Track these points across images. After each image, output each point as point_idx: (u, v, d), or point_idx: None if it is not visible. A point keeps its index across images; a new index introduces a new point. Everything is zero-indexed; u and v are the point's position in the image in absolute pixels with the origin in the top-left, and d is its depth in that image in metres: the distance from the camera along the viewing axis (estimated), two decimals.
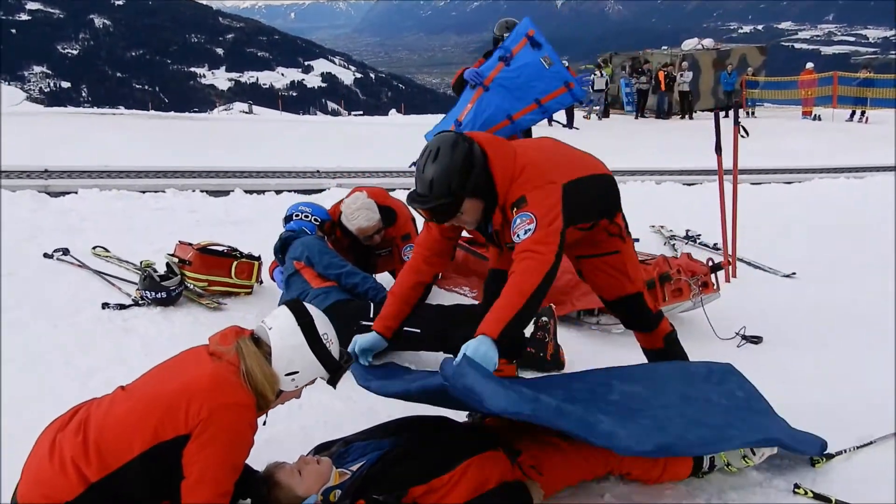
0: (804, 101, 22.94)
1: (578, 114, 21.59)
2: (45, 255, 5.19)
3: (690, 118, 23.02)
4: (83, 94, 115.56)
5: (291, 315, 2.28)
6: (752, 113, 24.35)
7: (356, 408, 3.25)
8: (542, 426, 2.30)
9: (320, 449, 2.64)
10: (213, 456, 2.07)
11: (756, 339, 4.48)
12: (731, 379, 2.98)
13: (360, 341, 2.90)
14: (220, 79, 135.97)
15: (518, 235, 2.52)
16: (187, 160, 9.90)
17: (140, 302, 4.36)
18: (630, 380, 2.73)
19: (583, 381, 2.72)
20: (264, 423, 2.31)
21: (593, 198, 2.87)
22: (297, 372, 2.25)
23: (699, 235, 7.07)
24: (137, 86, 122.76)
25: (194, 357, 2.22)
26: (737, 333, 4.46)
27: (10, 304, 4.29)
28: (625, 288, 3.06)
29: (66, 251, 5.22)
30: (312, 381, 2.38)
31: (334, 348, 2.35)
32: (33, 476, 2.09)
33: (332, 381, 2.43)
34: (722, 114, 22.19)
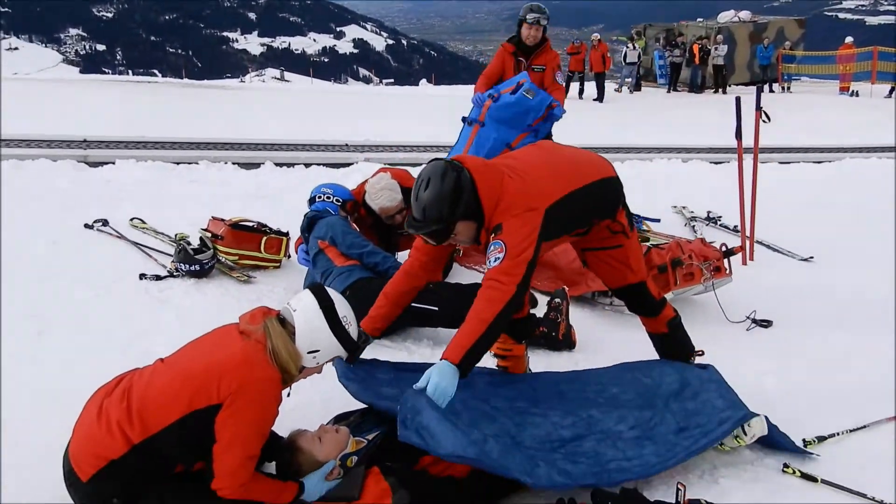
0: (842, 76, 22.48)
1: (609, 87, 21.42)
2: (86, 226, 5.46)
3: (724, 92, 22.66)
4: (118, 58, 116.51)
5: (314, 299, 2.47)
6: (788, 88, 23.93)
7: None
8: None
9: (339, 419, 2.86)
10: (242, 423, 2.29)
11: (766, 323, 4.60)
12: (709, 388, 3.12)
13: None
14: (253, 44, 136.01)
15: (489, 262, 2.67)
16: (220, 131, 10.13)
17: (175, 274, 4.60)
18: (586, 404, 2.98)
19: (540, 404, 2.94)
20: (288, 395, 2.52)
21: (587, 207, 2.99)
22: (318, 351, 2.45)
23: (720, 217, 7.13)
24: (171, 49, 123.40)
25: (226, 334, 2.43)
26: (747, 317, 4.58)
27: (56, 271, 4.57)
28: (627, 278, 3.20)
29: (105, 222, 5.49)
30: (333, 359, 2.58)
31: (353, 329, 2.54)
32: (83, 435, 2.33)
33: (351, 359, 2.63)
34: (760, 87, 21.65)
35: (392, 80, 69.93)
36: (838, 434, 3.20)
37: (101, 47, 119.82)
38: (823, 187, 9.40)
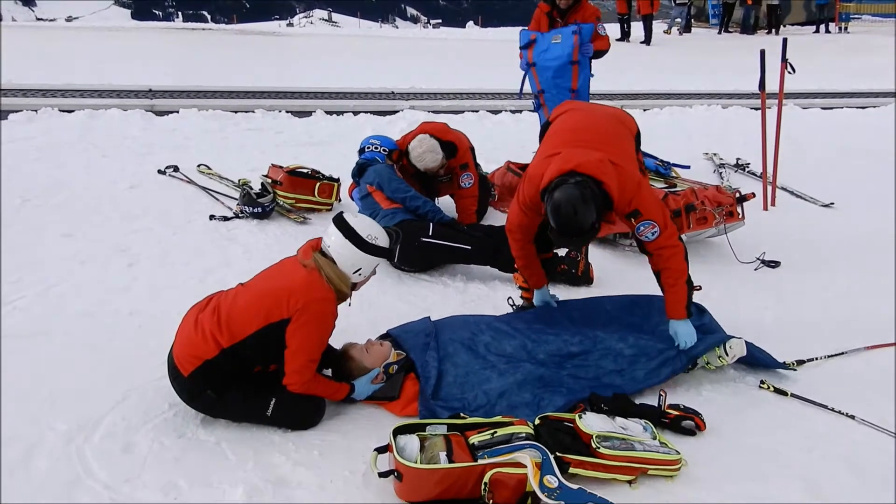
0: None
1: (658, 29, 21.14)
2: (159, 171, 6.09)
3: (777, 33, 22.15)
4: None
5: (338, 231, 2.95)
6: (846, 28, 23.26)
7: (414, 309, 4.01)
8: None
9: (384, 336, 3.43)
10: (307, 333, 2.86)
11: (774, 264, 4.98)
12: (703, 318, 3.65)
13: (538, 296, 3.80)
14: None
15: (647, 236, 3.25)
16: (273, 80, 10.66)
17: (240, 215, 5.20)
18: (592, 325, 3.55)
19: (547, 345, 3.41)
20: (349, 305, 3.07)
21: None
22: (360, 269, 2.98)
23: (748, 164, 7.40)
24: None
25: (290, 264, 2.99)
26: (756, 258, 4.97)
27: (138, 212, 5.20)
28: None
29: (175, 168, 6.11)
30: (376, 267, 3.07)
31: (381, 241, 2.99)
32: (185, 341, 2.92)
33: (391, 259, 3.10)
34: (812, 28, 21.34)
35: (440, 21, 68.90)
36: (817, 359, 3.65)
37: None
38: (863, 134, 9.49)
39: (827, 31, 22.94)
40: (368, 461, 2.60)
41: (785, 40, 6.05)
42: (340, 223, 2.99)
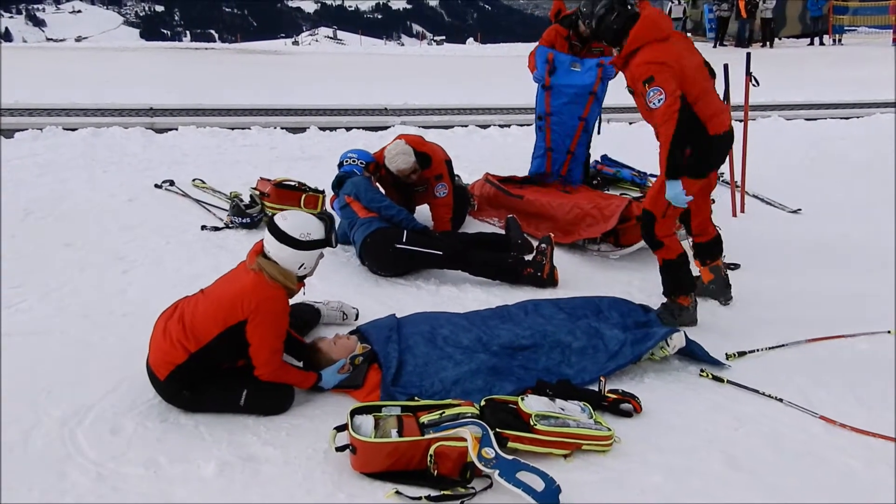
0: (895, 27, 22.04)
1: None
2: (156, 186, 6.42)
3: (771, 46, 22.52)
4: (175, 18, 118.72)
5: (272, 236, 3.18)
6: (839, 40, 23.53)
7: (388, 309, 4.29)
8: None
9: (353, 332, 3.73)
10: (264, 329, 3.14)
11: (734, 266, 5.25)
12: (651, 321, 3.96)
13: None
14: (307, 1, 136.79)
15: (654, 103, 3.79)
16: (270, 98, 11.04)
17: (230, 225, 5.52)
18: (544, 322, 3.84)
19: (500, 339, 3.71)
20: (303, 294, 3.36)
21: None
22: (302, 264, 3.24)
23: (723, 174, 7.65)
24: (227, 9, 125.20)
25: (241, 270, 3.28)
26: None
27: (135, 223, 5.53)
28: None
29: (171, 182, 6.44)
30: (320, 258, 3.32)
31: (315, 233, 3.21)
32: (157, 348, 3.21)
33: (331, 245, 3.33)
34: (807, 41, 21.60)
35: (444, 37, 69.73)
36: (758, 350, 3.93)
37: (159, 8, 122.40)
38: (840, 143, 9.73)
39: (821, 43, 23.26)
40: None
41: (748, 55, 6.35)
42: (273, 229, 3.20)
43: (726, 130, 4.10)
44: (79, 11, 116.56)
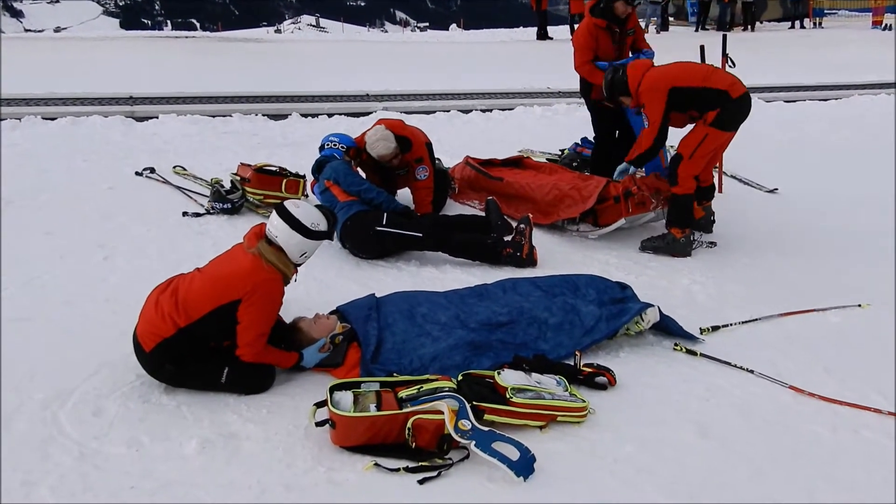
0: (874, 9, 22.23)
1: None
2: (136, 173, 6.42)
3: (752, 30, 22.63)
4: (156, 8, 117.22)
5: (283, 221, 3.25)
6: (820, 23, 23.71)
7: (369, 291, 4.33)
8: None
9: (333, 312, 3.77)
10: (256, 311, 3.20)
11: (711, 245, 5.34)
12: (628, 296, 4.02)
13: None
14: None
15: (645, 124, 5.00)
16: (252, 85, 11.00)
17: (211, 211, 5.53)
18: (520, 299, 3.89)
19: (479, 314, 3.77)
20: (295, 281, 3.40)
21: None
22: (305, 252, 3.32)
23: None
24: None
25: (239, 251, 3.32)
26: (693, 239, 5.32)
27: (115, 211, 5.54)
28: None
29: (152, 170, 6.44)
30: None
31: (323, 225, 3.31)
32: (146, 320, 3.26)
33: (331, 239, 3.47)
34: (787, 24, 21.72)
35: (427, 24, 69.27)
36: (732, 325, 4.01)
37: None
38: (818, 124, 9.86)
39: (802, 26, 23.41)
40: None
41: (725, 36, 6.40)
42: (285, 215, 3.27)
43: (743, 93, 4.94)
44: (57, 1, 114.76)
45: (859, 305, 4.30)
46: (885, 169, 7.49)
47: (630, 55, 6.09)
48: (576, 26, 19.80)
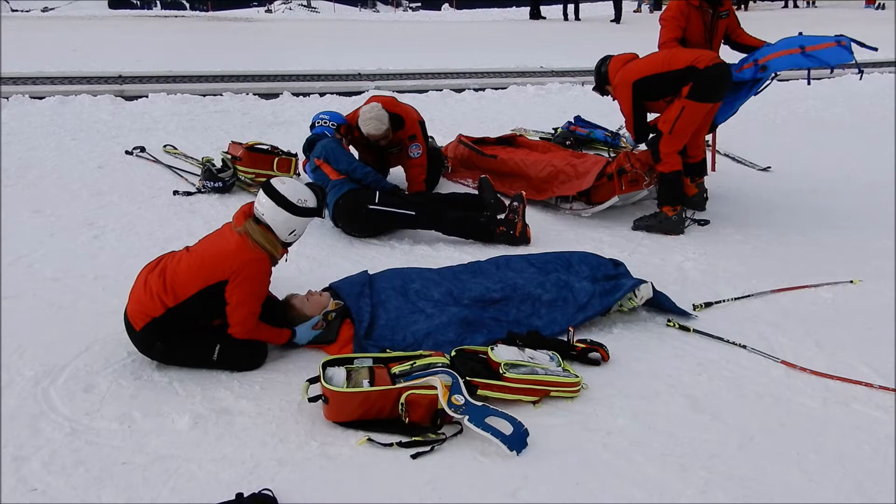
0: None
1: (628, 7, 21.39)
2: (126, 152, 6.37)
3: (745, 9, 22.48)
4: None
5: (270, 199, 3.20)
6: (813, 3, 23.62)
7: (361, 268, 4.32)
8: None
9: (326, 288, 3.75)
10: (244, 291, 3.17)
11: (704, 222, 5.34)
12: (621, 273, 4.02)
13: None
14: None
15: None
16: (243, 65, 10.89)
17: (202, 190, 5.49)
18: (514, 276, 3.89)
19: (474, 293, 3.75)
20: (286, 261, 3.39)
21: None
22: (294, 230, 3.29)
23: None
24: None
25: (226, 231, 3.29)
26: (687, 217, 5.32)
27: (105, 189, 5.49)
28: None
29: (142, 149, 6.38)
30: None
31: (311, 202, 3.26)
32: (136, 299, 3.23)
33: (321, 216, 3.45)
34: (781, 3, 21.58)
35: (419, 4, 68.61)
36: (725, 301, 4.01)
37: None
38: (808, 103, 9.85)
39: (795, 5, 23.31)
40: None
41: None
42: (271, 192, 3.22)
43: (711, 65, 4.82)
44: None
45: (851, 281, 4.31)
46: (877, 146, 7.52)
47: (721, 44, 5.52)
48: (569, 7, 19.81)
